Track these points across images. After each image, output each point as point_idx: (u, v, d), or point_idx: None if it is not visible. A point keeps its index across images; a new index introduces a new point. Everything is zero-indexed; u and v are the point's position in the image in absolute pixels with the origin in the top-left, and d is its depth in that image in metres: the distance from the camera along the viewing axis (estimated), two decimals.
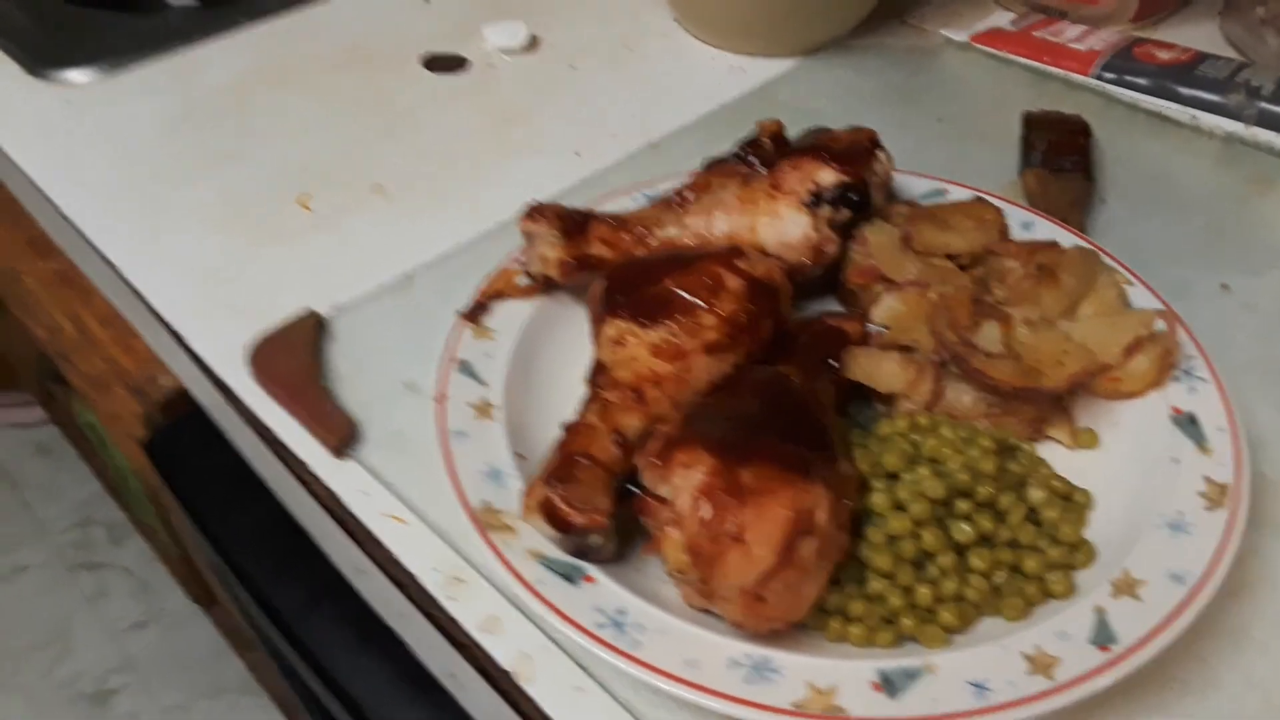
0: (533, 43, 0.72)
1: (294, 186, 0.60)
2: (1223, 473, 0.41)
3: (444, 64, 0.70)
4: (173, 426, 0.58)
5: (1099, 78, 0.68)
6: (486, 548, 0.38)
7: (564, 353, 0.47)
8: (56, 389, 1.14)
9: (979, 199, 0.51)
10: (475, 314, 0.48)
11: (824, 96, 0.68)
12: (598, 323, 0.44)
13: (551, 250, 0.48)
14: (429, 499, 0.43)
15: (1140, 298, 0.48)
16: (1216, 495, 0.40)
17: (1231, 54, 0.71)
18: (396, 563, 0.41)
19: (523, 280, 0.49)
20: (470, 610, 0.39)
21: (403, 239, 0.56)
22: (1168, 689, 0.38)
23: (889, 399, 0.45)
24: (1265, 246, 0.57)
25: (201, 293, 0.54)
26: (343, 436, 0.44)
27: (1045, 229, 0.52)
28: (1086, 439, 0.44)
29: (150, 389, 0.60)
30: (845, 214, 0.49)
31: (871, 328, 0.48)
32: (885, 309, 0.48)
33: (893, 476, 0.40)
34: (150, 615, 1.31)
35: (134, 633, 1.29)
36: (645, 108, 0.66)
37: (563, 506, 0.37)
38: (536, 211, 0.49)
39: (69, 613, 1.32)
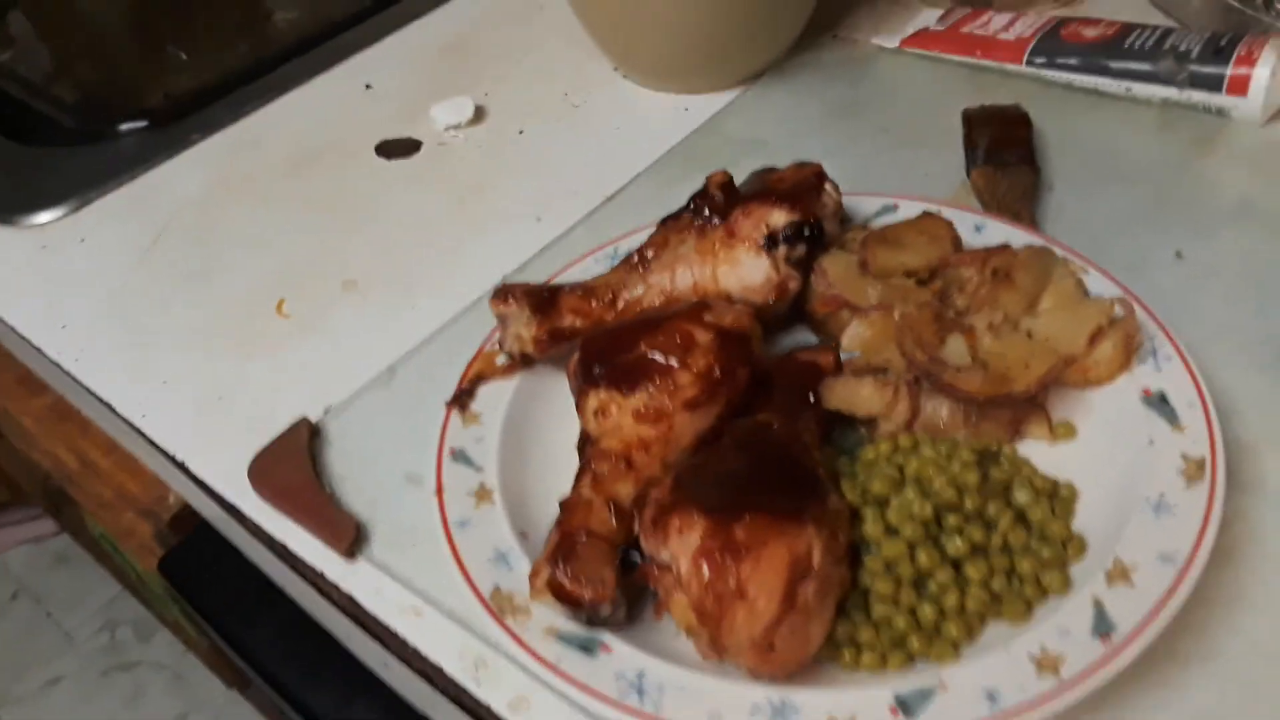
0: (479, 114, 0.73)
1: (270, 295, 0.62)
2: (1198, 448, 0.42)
3: (397, 149, 0.72)
4: (185, 544, 0.59)
5: (1030, 64, 0.69)
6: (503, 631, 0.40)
7: (552, 423, 0.49)
8: (65, 505, 1.15)
9: (928, 213, 0.53)
10: (461, 400, 0.49)
11: (769, 124, 0.70)
12: (579, 395, 0.46)
13: (525, 329, 0.49)
14: (442, 587, 0.44)
15: (1098, 283, 0.49)
16: (1194, 471, 0.41)
17: (1158, 19, 0.72)
18: (420, 655, 0.42)
19: (502, 360, 0.51)
20: (498, 692, 0.41)
21: (381, 332, 0.58)
22: (1172, 663, 0.39)
23: (870, 421, 0.47)
24: (1213, 208, 0.59)
25: (195, 415, 0.55)
26: (350, 539, 0.46)
27: (996, 230, 0.53)
28: (1064, 432, 0.46)
29: (160, 509, 0.62)
30: (801, 250, 0.50)
31: (843, 355, 0.49)
32: (853, 335, 0.49)
33: (882, 502, 0.42)
34: (190, 707, 1.32)
35: None
36: (598, 161, 0.68)
37: (569, 584, 0.39)
38: (506, 292, 0.50)
39: (110, 718, 1.32)
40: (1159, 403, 0.44)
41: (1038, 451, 0.45)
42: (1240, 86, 0.62)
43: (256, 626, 0.56)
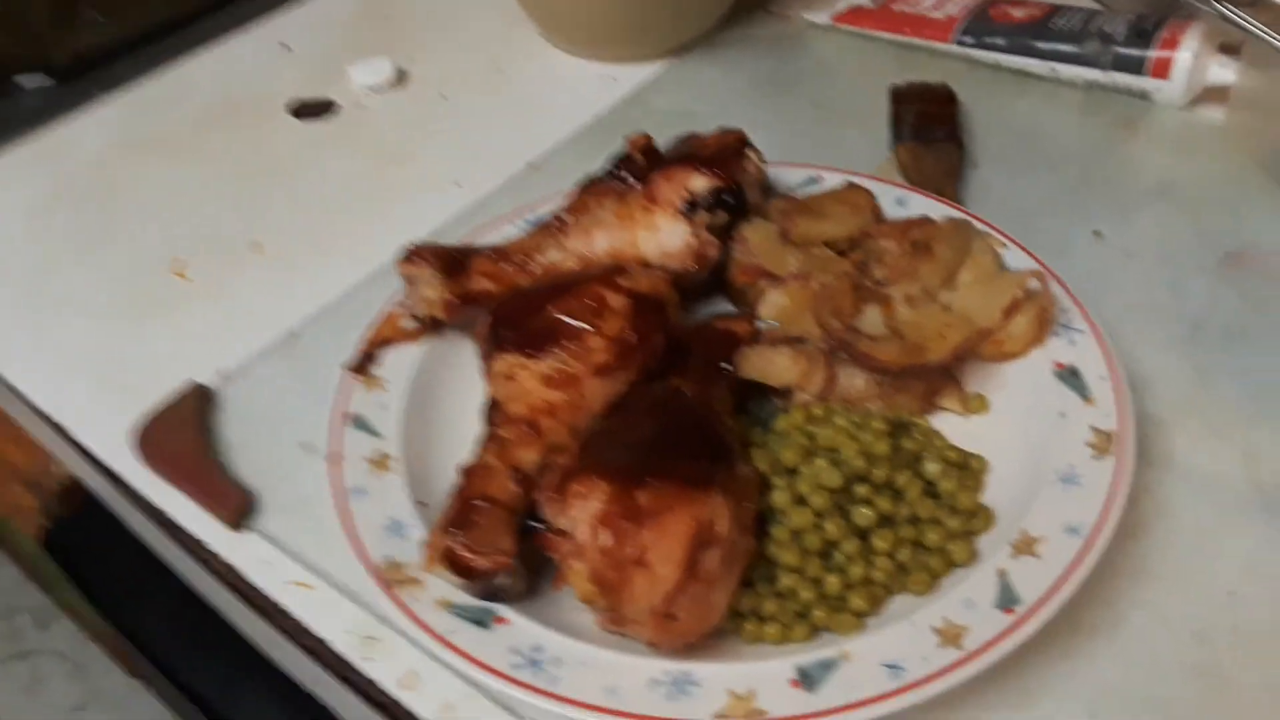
0: (401, 77, 0.71)
1: (169, 256, 0.59)
2: (1107, 420, 0.42)
3: (312, 110, 0.69)
4: (69, 519, 0.56)
5: (959, 43, 0.69)
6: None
7: (460, 392, 0.47)
8: None
9: (850, 184, 0.52)
10: (363, 364, 0.47)
11: (697, 96, 0.68)
12: (487, 359, 0.44)
13: (434, 291, 0.47)
14: (334, 561, 0.42)
15: (1016, 259, 0.49)
16: (1103, 444, 0.41)
17: (1085, 1, 0.73)
18: (306, 630, 0.40)
19: (409, 323, 0.49)
20: (387, 669, 0.39)
21: (285, 295, 0.55)
22: (1077, 635, 0.39)
23: (786, 392, 0.46)
24: (1133, 189, 0.59)
25: (82, 380, 0.52)
26: (237, 509, 0.43)
27: (919, 203, 0.53)
28: (977, 404, 0.45)
29: (45, 480, 0.58)
30: (722, 217, 0.49)
31: (761, 324, 0.48)
32: (771, 304, 0.48)
33: (792, 471, 0.41)
34: (89, 697, 1.27)
35: (74, 717, 1.25)
36: (521, 129, 0.66)
37: (464, 553, 0.37)
38: (414, 253, 0.48)
39: (6, 707, 1.27)
40: (1070, 376, 0.44)
41: (951, 424, 0.45)
42: (1163, 70, 0.63)
43: (142, 606, 0.54)
